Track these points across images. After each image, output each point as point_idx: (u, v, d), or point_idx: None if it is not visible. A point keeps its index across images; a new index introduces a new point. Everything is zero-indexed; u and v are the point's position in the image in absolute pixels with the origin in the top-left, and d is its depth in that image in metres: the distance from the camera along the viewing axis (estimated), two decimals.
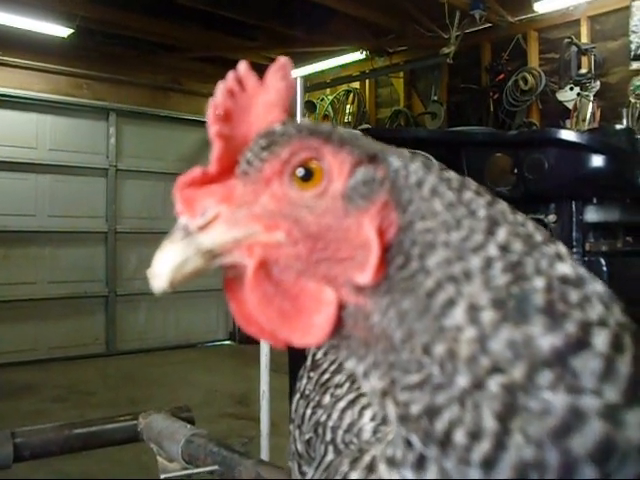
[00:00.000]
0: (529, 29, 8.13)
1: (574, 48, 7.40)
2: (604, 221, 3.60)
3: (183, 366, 8.43)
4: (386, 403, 0.58)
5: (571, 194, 3.54)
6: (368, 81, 10.14)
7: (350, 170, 0.62)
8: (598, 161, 3.22)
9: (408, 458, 0.60)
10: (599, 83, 7.35)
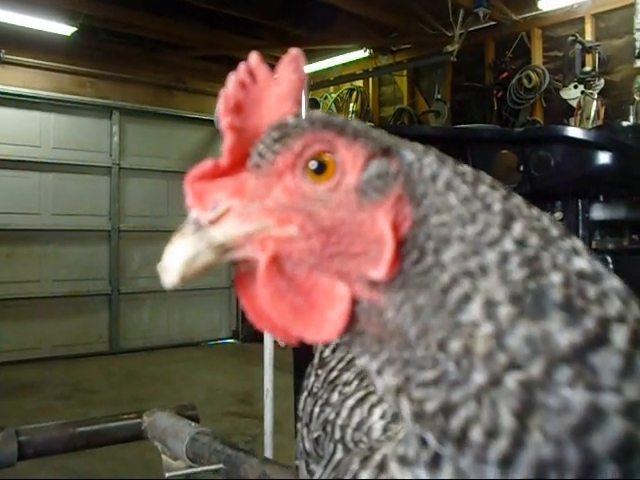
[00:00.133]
0: (533, 27, 8.12)
1: (578, 46, 7.39)
2: (610, 219, 3.60)
3: (187, 364, 8.44)
4: (400, 400, 0.57)
5: (577, 191, 3.52)
6: (371, 79, 10.14)
7: (364, 163, 0.61)
8: (605, 158, 3.20)
9: (422, 457, 0.59)
10: (603, 81, 7.34)
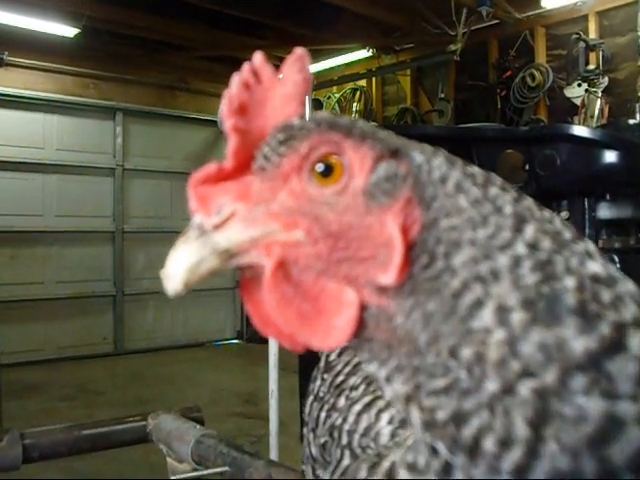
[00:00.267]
0: (536, 25, 8.11)
1: (582, 44, 7.38)
2: (617, 218, 3.59)
3: (191, 365, 8.45)
4: (410, 409, 0.56)
5: (583, 190, 3.52)
6: (375, 79, 10.13)
7: (372, 165, 0.60)
8: (611, 157, 3.19)
9: (432, 466, 0.58)
10: (607, 79, 7.32)
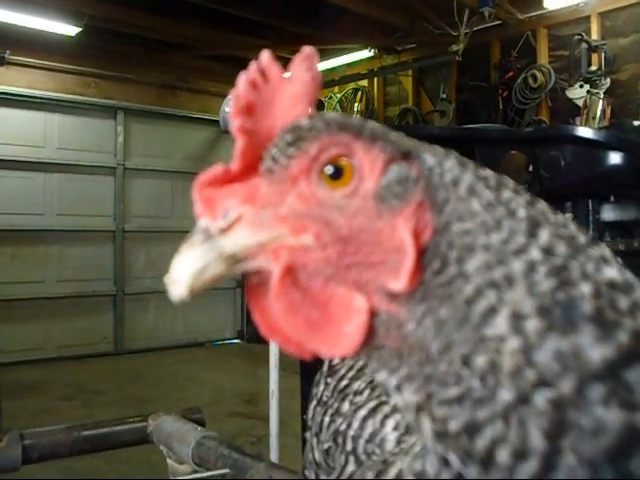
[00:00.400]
0: (538, 26, 8.10)
1: (584, 45, 7.36)
2: (621, 220, 3.58)
3: (191, 365, 8.44)
4: (421, 419, 0.55)
5: (588, 192, 3.51)
6: (376, 79, 10.12)
7: (382, 168, 0.58)
8: (616, 158, 3.18)
9: (443, 476, 0.56)
10: (609, 80, 7.31)
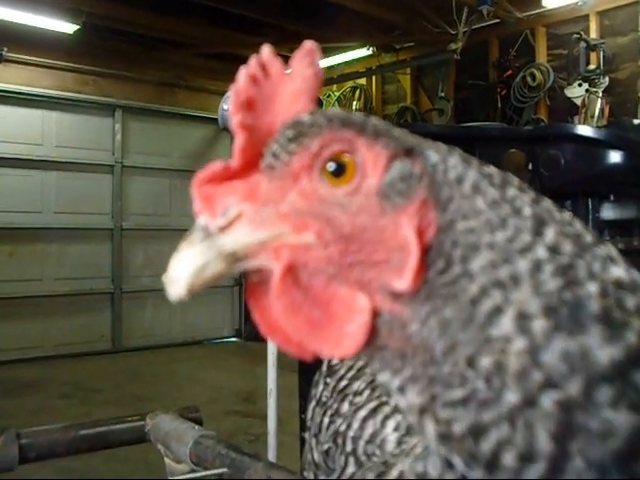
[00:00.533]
0: (537, 25, 8.09)
1: (583, 44, 7.37)
2: (621, 218, 3.58)
3: (189, 363, 8.43)
4: (424, 421, 0.53)
5: (587, 191, 3.50)
6: (375, 77, 10.11)
7: (386, 164, 0.57)
8: (616, 157, 3.18)
9: (446, 478, 0.55)
10: (608, 79, 7.31)
